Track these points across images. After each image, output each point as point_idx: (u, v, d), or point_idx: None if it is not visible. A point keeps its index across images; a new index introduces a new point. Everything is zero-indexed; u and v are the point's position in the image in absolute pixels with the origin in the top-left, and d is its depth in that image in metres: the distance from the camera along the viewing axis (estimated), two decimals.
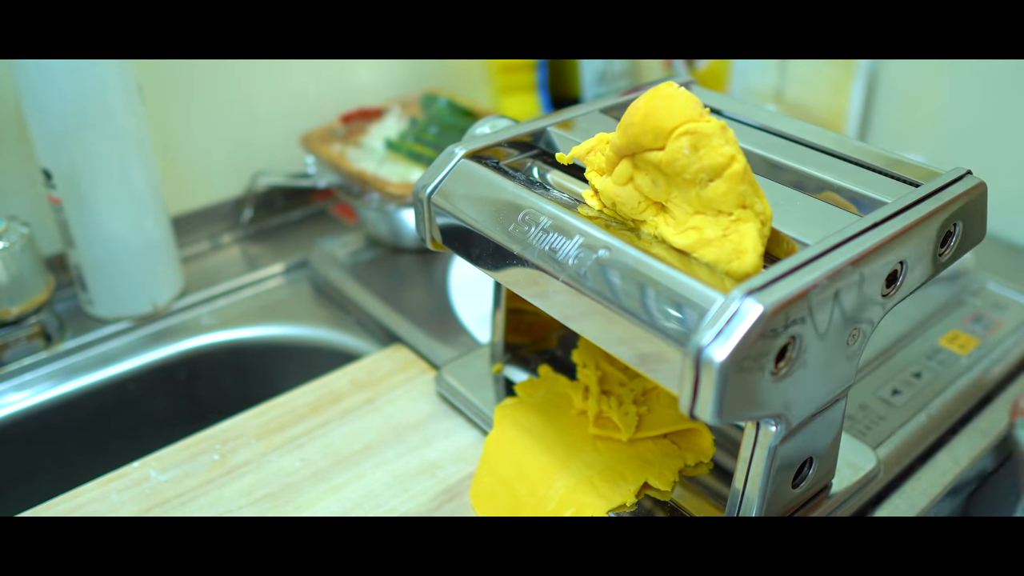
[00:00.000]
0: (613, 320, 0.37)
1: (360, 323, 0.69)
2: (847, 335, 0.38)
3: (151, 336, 0.68)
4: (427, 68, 0.88)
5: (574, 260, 0.39)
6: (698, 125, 0.37)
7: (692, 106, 0.37)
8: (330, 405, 0.58)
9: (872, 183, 0.43)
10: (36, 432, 0.62)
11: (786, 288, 0.34)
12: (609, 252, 0.38)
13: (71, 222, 0.63)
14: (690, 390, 0.34)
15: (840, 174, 0.44)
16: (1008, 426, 0.54)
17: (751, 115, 0.50)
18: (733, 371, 0.33)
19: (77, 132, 0.60)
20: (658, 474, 0.47)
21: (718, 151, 0.36)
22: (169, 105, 0.74)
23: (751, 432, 0.40)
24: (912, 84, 0.78)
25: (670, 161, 0.37)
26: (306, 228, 0.81)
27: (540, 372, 0.55)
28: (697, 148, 0.36)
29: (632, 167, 0.39)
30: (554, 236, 0.41)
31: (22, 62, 0.58)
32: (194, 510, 0.50)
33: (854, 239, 0.37)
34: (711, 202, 0.37)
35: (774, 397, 0.36)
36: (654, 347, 0.36)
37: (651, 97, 0.38)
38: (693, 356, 0.33)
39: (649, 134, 0.37)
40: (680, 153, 0.36)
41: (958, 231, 0.42)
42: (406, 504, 0.50)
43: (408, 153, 0.73)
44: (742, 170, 0.37)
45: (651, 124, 0.37)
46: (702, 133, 0.36)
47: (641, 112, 0.37)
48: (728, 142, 0.37)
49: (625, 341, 0.37)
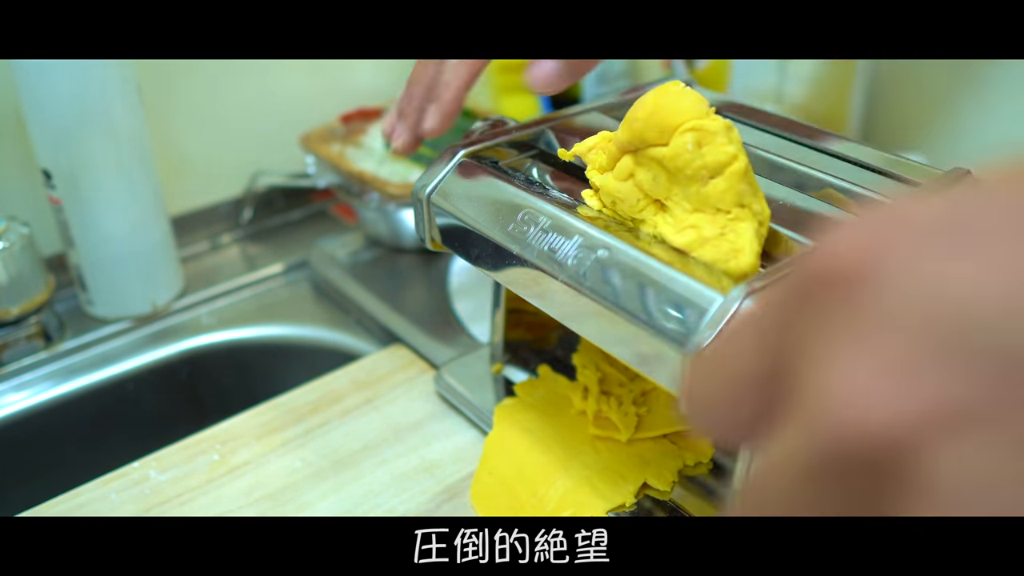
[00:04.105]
0: (612, 320, 0.37)
1: (360, 323, 0.69)
2: None
3: (151, 336, 0.68)
4: None
5: (573, 260, 0.39)
6: (704, 122, 0.37)
7: (699, 104, 0.37)
8: (330, 405, 0.58)
9: (873, 183, 0.43)
10: (36, 432, 0.62)
11: None
12: (608, 252, 0.38)
13: (71, 222, 0.63)
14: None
15: (840, 174, 0.44)
16: None
17: (752, 115, 0.50)
18: None
19: (77, 132, 0.60)
20: (657, 474, 0.47)
21: (721, 149, 0.36)
22: (169, 105, 0.74)
23: None
24: (912, 84, 0.78)
25: (673, 156, 0.37)
26: (306, 228, 0.81)
27: (540, 372, 0.55)
28: (701, 145, 0.36)
29: (634, 163, 0.39)
30: (553, 236, 0.41)
31: (22, 62, 0.58)
32: (194, 510, 0.50)
33: None
34: (710, 199, 0.37)
35: None
36: (653, 347, 0.36)
37: (659, 93, 0.38)
38: (692, 356, 0.33)
39: (655, 129, 0.37)
40: (684, 149, 0.37)
41: None
42: (406, 504, 0.50)
43: None
44: (743, 169, 0.37)
45: (657, 120, 0.37)
46: (707, 130, 0.36)
47: (648, 107, 0.38)
48: (732, 141, 0.37)
49: (624, 341, 0.37)
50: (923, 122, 0.77)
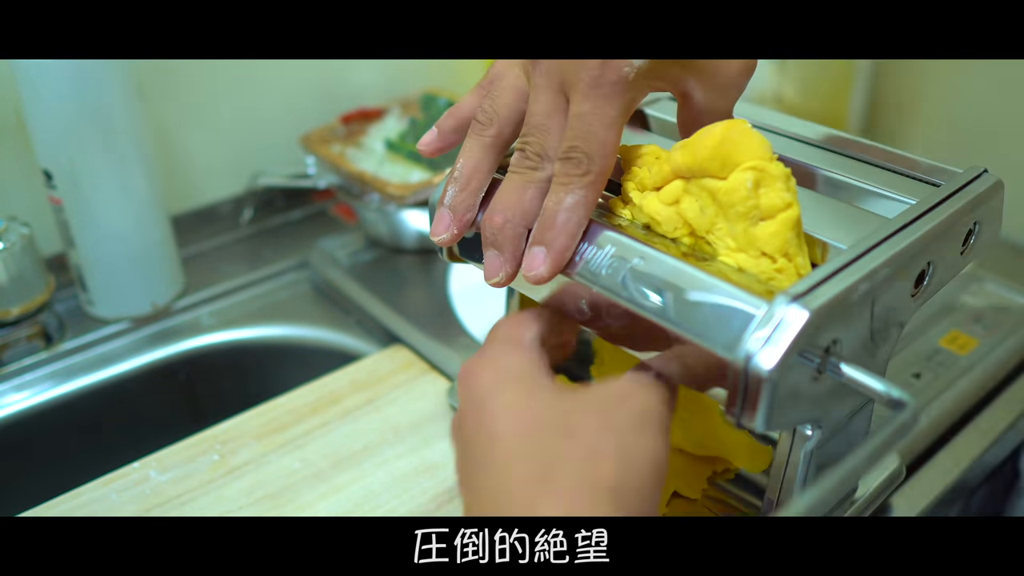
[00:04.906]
0: (655, 331, 0.37)
1: (360, 323, 0.69)
2: (880, 336, 0.38)
3: (151, 336, 0.68)
4: (427, 68, 0.88)
5: (608, 270, 0.38)
6: (767, 165, 0.36)
7: (765, 147, 0.37)
8: (330, 405, 0.58)
9: (895, 184, 0.43)
10: (36, 432, 0.62)
11: (828, 292, 0.34)
12: (644, 261, 0.38)
13: (71, 222, 0.63)
14: (739, 399, 0.33)
15: (862, 175, 0.43)
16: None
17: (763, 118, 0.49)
18: (781, 378, 0.32)
19: (77, 132, 0.60)
20: (687, 484, 0.47)
21: (778, 194, 0.36)
22: (169, 105, 0.74)
23: (786, 439, 0.39)
24: (912, 84, 0.78)
25: (729, 191, 0.37)
26: (306, 228, 0.81)
27: None
28: (759, 185, 0.36)
29: (683, 189, 0.39)
30: (584, 246, 0.39)
31: (22, 62, 0.58)
32: (194, 510, 0.50)
33: (887, 240, 0.37)
34: (757, 240, 0.37)
35: (815, 402, 0.36)
36: (701, 357, 0.35)
37: (728, 127, 0.37)
38: (742, 365, 0.33)
39: (718, 161, 0.37)
40: (742, 185, 0.36)
41: (977, 230, 0.41)
42: (406, 504, 0.50)
43: (408, 154, 0.73)
44: (795, 218, 0.36)
45: (722, 152, 0.37)
46: (768, 173, 0.36)
47: (716, 139, 0.37)
48: (789, 189, 0.37)
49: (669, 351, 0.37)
50: (923, 122, 0.77)
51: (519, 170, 0.40)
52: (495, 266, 0.41)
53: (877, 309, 0.37)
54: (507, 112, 0.41)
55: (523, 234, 0.40)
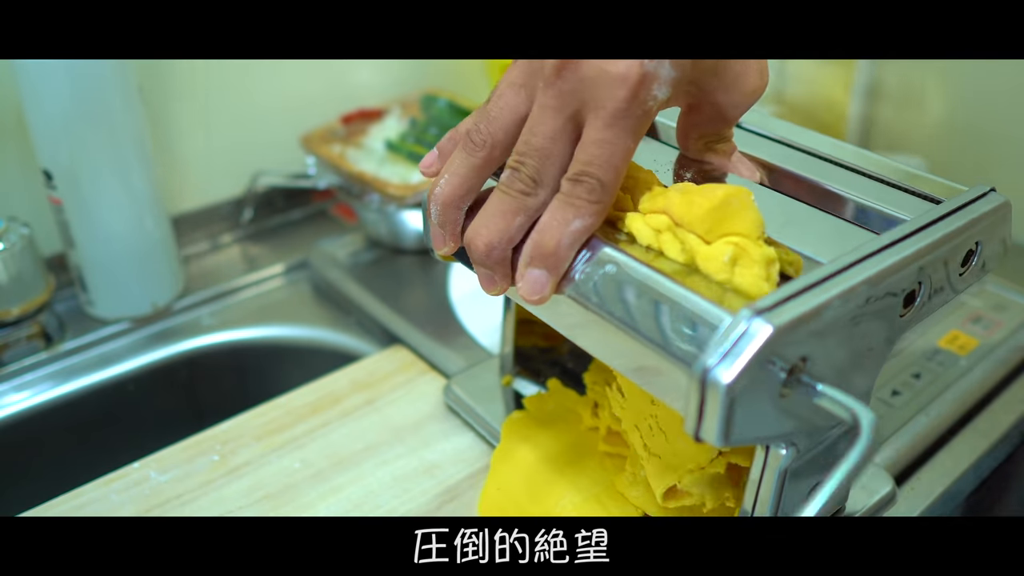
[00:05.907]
0: (617, 336, 0.36)
1: (360, 324, 0.69)
2: (862, 356, 0.37)
3: (151, 337, 0.68)
4: (427, 68, 0.88)
5: (580, 275, 0.38)
6: (749, 244, 0.36)
7: (756, 225, 0.36)
8: (330, 406, 0.58)
9: (892, 199, 0.42)
10: (36, 432, 0.62)
11: (797, 308, 0.33)
12: (616, 268, 0.38)
13: (71, 222, 0.64)
14: (695, 412, 0.33)
15: (859, 189, 0.42)
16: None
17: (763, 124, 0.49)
18: (740, 393, 0.32)
19: (77, 132, 0.60)
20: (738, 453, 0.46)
21: (755, 280, 0.35)
22: (169, 105, 0.74)
23: (760, 455, 0.39)
24: (912, 84, 0.78)
25: (706, 258, 0.36)
26: (306, 228, 0.81)
27: (549, 386, 0.55)
28: (735, 262, 0.36)
29: (668, 227, 0.38)
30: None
31: (22, 62, 0.58)
32: (194, 510, 0.50)
33: (870, 258, 0.36)
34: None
35: (783, 420, 0.35)
36: (659, 365, 0.35)
37: (730, 194, 0.37)
38: (699, 377, 0.32)
39: (708, 223, 0.37)
40: (719, 256, 0.36)
41: (980, 250, 0.40)
42: (406, 505, 0.50)
43: (408, 154, 0.73)
44: None
45: (716, 216, 0.36)
46: (748, 254, 0.36)
47: (714, 201, 0.37)
48: (769, 278, 0.36)
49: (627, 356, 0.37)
50: (923, 122, 0.77)
51: (510, 192, 0.38)
52: (489, 283, 0.41)
53: (859, 328, 0.36)
54: (503, 136, 0.39)
55: (510, 255, 0.40)
